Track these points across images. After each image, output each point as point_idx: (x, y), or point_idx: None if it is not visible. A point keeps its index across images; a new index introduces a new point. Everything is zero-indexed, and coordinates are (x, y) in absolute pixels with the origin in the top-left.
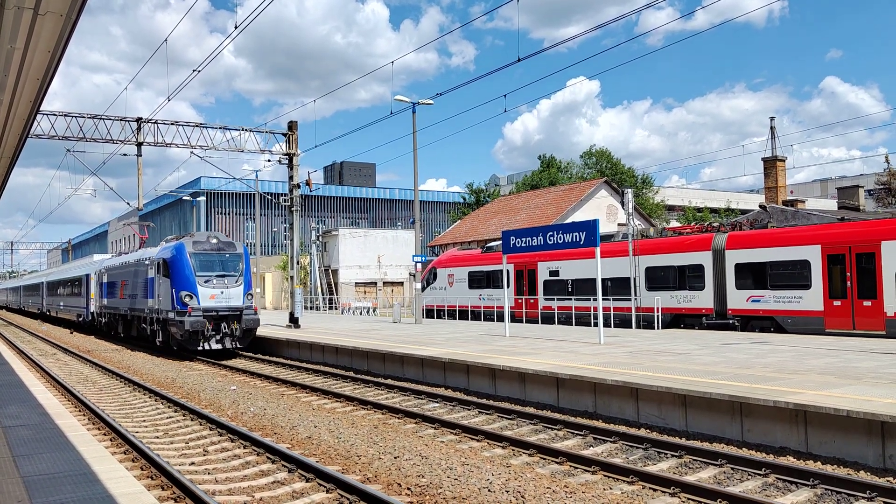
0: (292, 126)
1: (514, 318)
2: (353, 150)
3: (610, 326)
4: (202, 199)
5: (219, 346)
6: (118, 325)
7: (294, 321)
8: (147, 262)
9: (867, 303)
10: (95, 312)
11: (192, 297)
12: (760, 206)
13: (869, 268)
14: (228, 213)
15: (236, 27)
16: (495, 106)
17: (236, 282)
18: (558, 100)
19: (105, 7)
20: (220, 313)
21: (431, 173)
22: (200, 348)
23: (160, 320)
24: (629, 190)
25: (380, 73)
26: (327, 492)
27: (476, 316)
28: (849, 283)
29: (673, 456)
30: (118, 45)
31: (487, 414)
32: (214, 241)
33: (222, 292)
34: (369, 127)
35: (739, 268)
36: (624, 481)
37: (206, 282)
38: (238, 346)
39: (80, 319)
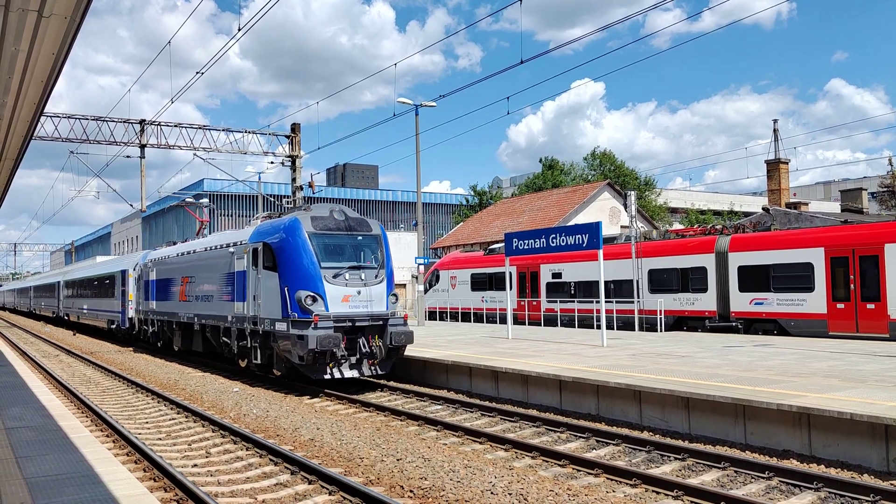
0: (295, 128)
1: (517, 321)
2: (357, 151)
3: (612, 329)
4: (205, 201)
5: (353, 374)
6: (174, 336)
7: None
8: (232, 250)
9: (871, 305)
10: (139, 319)
11: (316, 300)
12: (763, 209)
13: (872, 270)
14: (231, 216)
15: (240, 29)
16: (499, 108)
17: (376, 276)
18: (563, 102)
19: (112, 9)
20: (357, 323)
21: (435, 175)
22: (328, 376)
23: (260, 333)
24: (632, 192)
25: (385, 76)
26: (330, 494)
27: (479, 318)
28: (852, 285)
29: (676, 459)
30: (125, 47)
31: (490, 416)
32: (341, 216)
33: (359, 292)
34: (373, 129)
35: (742, 270)
36: (627, 484)
37: (335, 276)
38: (378, 371)
39: (113, 327)
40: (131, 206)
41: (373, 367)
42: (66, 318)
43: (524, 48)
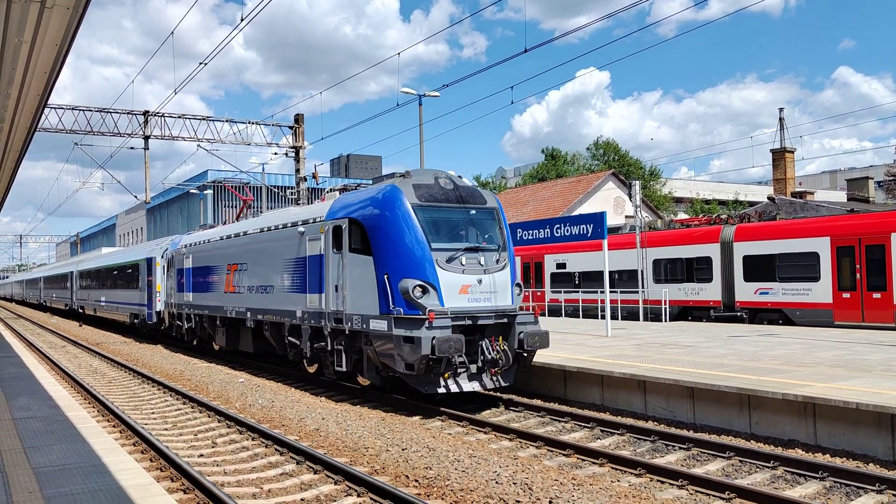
0: (298, 119)
1: None
2: (360, 142)
3: (617, 319)
4: (209, 192)
5: (474, 387)
6: (216, 333)
7: None
8: (302, 230)
9: (877, 295)
10: (169, 313)
11: (427, 292)
12: (769, 198)
13: (878, 260)
14: (235, 207)
15: (242, 19)
16: (503, 98)
17: (497, 261)
18: (567, 91)
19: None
20: (479, 321)
21: (439, 165)
22: (443, 390)
23: (346, 334)
24: (637, 182)
25: (390, 66)
26: (335, 483)
27: None
28: (858, 275)
29: (681, 448)
30: (129, 37)
31: (494, 406)
32: (449, 184)
33: (480, 281)
34: (377, 120)
35: (747, 260)
36: (632, 473)
37: (449, 261)
38: (502, 383)
39: (137, 322)
40: (136, 197)
41: (495, 379)
42: (80, 310)
43: (528, 37)
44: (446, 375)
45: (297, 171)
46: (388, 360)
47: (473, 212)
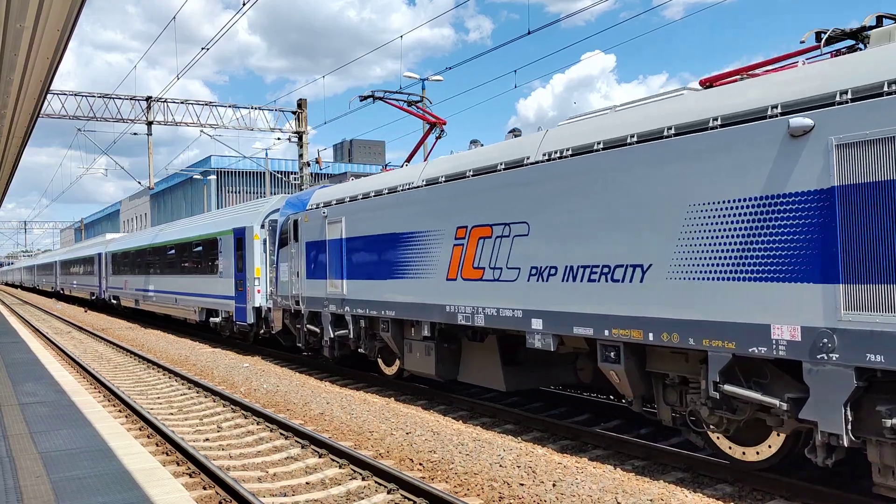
0: (301, 104)
1: None
2: (364, 127)
3: None
4: (213, 177)
5: None
6: (407, 349)
7: None
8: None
9: None
10: (289, 310)
11: None
12: None
13: None
14: (239, 192)
15: (244, 3)
16: (507, 82)
17: None
18: (572, 75)
19: None
20: None
21: (442, 150)
22: None
23: None
24: None
25: (394, 50)
26: (340, 467)
27: None
28: None
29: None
30: (133, 23)
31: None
32: None
33: None
34: (381, 103)
35: None
36: (635, 457)
37: None
38: None
39: (218, 321)
40: (139, 183)
41: None
42: (113, 301)
43: (533, 21)
44: None
45: (301, 156)
46: None
47: None
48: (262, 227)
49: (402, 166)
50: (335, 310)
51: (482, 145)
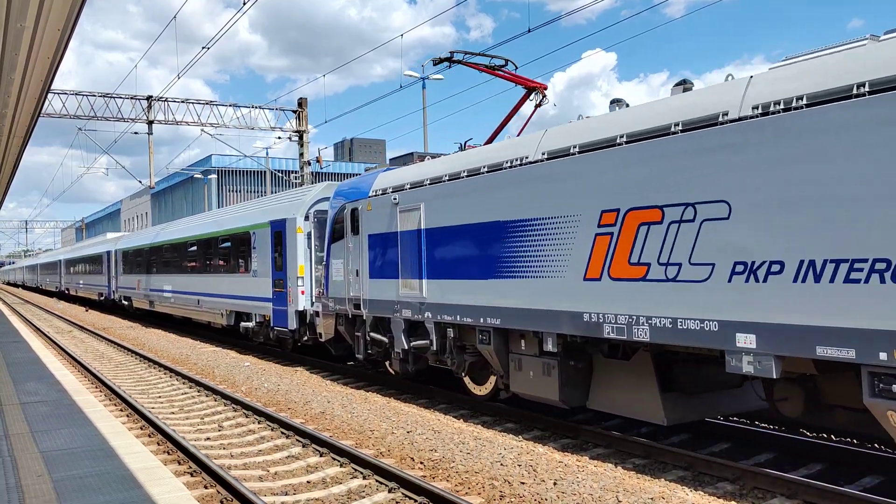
0: (302, 103)
1: None
2: (365, 125)
3: None
4: (213, 176)
5: None
6: (515, 368)
7: None
8: None
9: None
10: (344, 314)
11: None
12: None
13: None
14: (239, 191)
15: (245, 2)
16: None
17: None
18: (573, 73)
19: None
20: None
21: (443, 148)
22: None
23: None
24: None
25: (395, 49)
26: (341, 466)
27: None
28: None
29: (684, 431)
30: (134, 22)
31: (500, 388)
32: None
33: None
34: (381, 103)
35: None
36: (636, 455)
37: None
38: None
39: (251, 326)
40: (140, 182)
41: None
42: (123, 302)
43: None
44: None
45: (301, 155)
46: None
47: None
48: (307, 218)
49: (486, 144)
50: (411, 315)
51: (627, 105)
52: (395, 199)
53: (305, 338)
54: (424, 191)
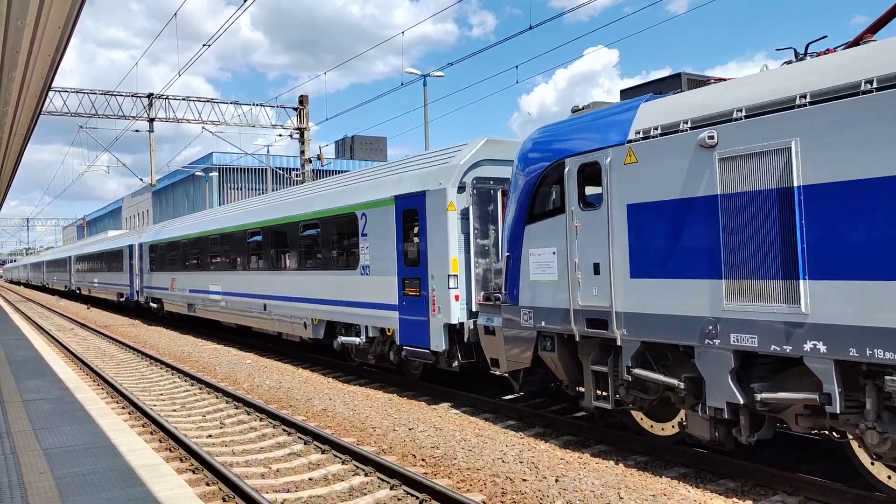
0: (303, 100)
1: None
2: (366, 123)
3: None
4: (214, 174)
5: None
6: None
7: None
8: None
9: None
10: (548, 333)
11: None
12: None
13: None
14: (241, 189)
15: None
16: (509, 77)
17: None
18: (575, 70)
19: None
20: None
21: (445, 145)
22: None
23: None
24: None
25: (397, 46)
26: (343, 463)
27: None
28: None
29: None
30: (135, 20)
31: (500, 386)
32: None
33: None
34: (382, 100)
35: None
36: (638, 452)
37: None
38: None
39: (362, 346)
40: (141, 180)
41: None
42: (151, 305)
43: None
44: None
45: (302, 152)
46: None
47: None
48: (461, 190)
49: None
50: (757, 346)
51: None
52: (709, 137)
53: (456, 363)
54: (800, 115)
